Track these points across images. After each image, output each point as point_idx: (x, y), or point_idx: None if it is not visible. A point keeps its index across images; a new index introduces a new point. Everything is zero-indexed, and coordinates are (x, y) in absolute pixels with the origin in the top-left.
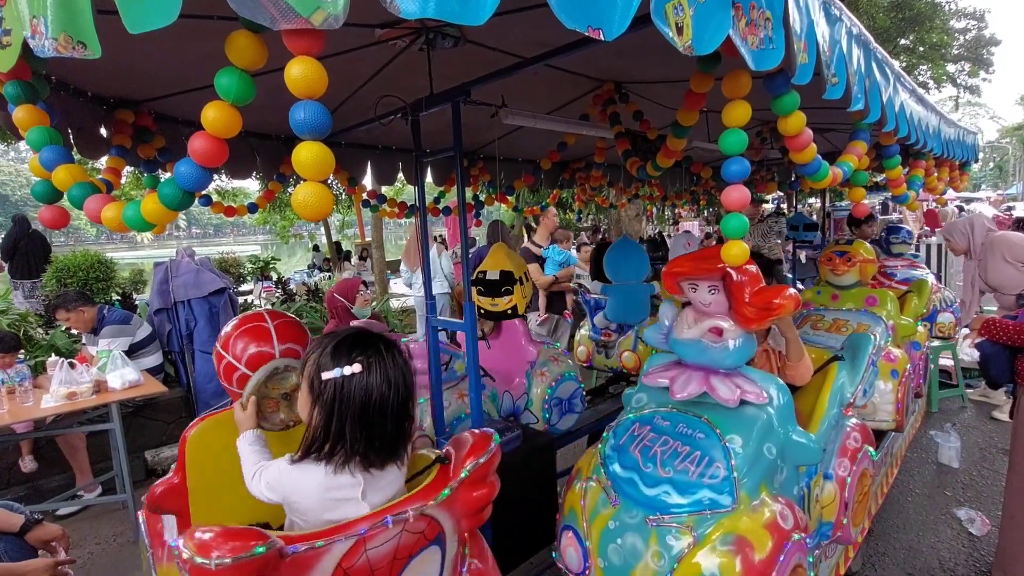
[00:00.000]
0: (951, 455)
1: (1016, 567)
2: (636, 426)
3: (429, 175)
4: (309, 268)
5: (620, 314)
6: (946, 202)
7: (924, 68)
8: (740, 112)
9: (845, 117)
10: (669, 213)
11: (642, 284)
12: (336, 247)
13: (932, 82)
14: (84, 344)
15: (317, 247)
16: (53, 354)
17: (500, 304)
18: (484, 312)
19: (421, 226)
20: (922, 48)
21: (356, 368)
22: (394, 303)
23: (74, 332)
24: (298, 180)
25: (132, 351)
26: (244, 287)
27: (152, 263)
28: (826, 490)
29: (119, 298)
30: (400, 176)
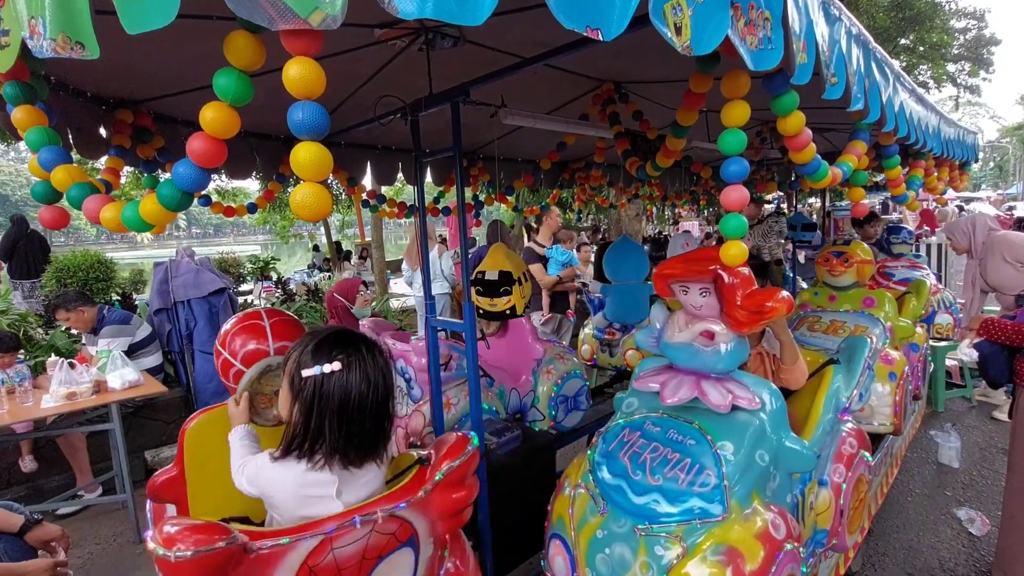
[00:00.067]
0: (951, 455)
1: (1016, 567)
2: (626, 432)
3: (428, 175)
4: (309, 268)
5: (619, 314)
6: (946, 202)
7: (924, 68)
8: (739, 112)
9: (845, 117)
10: (669, 213)
11: (641, 284)
12: (336, 247)
13: (932, 82)
14: (84, 344)
15: (317, 247)
16: (53, 354)
17: (499, 304)
18: (483, 312)
19: (420, 226)
20: (922, 48)
21: (336, 366)
22: (394, 303)
23: (74, 332)
24: (298, 180)
25: (132, 351)
26: (244, 287)
27: (152, 263)
28: (821, 497)
29: (119, 298)
30: (400, 176)
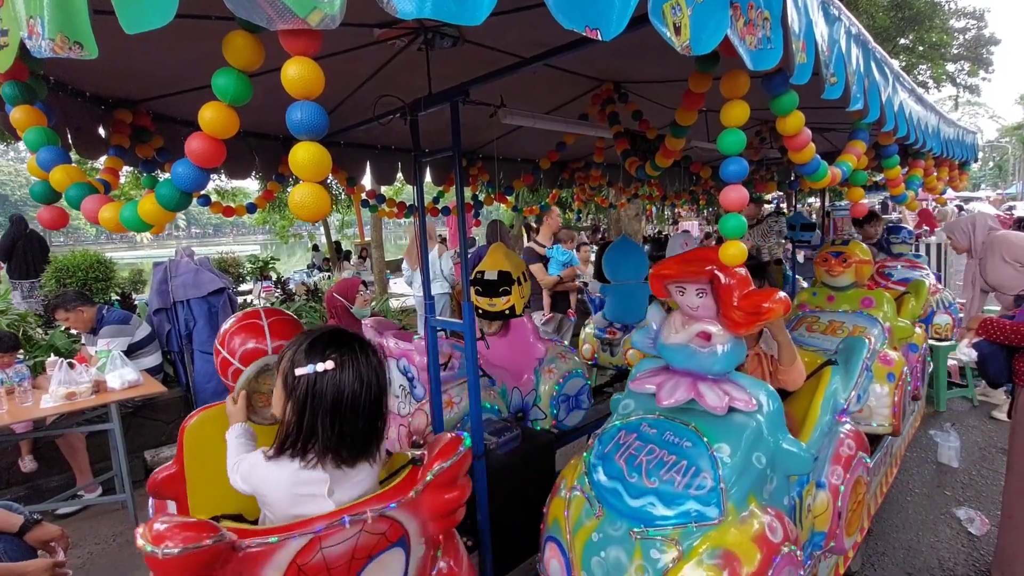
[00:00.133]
0: (951, 455)
1: (1015, 567)
2: (622, 434)
3: (428, 175)
4: (308, 268)
5: (619, 314)
6: (945, 202)
7: (924, 68)
8: (738, 112)
9: (844, 117)
10: (668, 213)
11: (641, 284)
12: (336, 247)
13: (932, 82)
14: (83, 344)
15: (317, 247)
16: (52, 354)
17: (498, 304)
18: (482, 312)
19: (420, 226)
20: (922, 48)
21: (329, 365)
22: (394, 303)
23: (73, 332)
24: (297, 180)
25: (131, 351)
26: (243, 287)
27: (151, 263)
28: (818, 499)
29: (118, 298)
30: (399, 176)
